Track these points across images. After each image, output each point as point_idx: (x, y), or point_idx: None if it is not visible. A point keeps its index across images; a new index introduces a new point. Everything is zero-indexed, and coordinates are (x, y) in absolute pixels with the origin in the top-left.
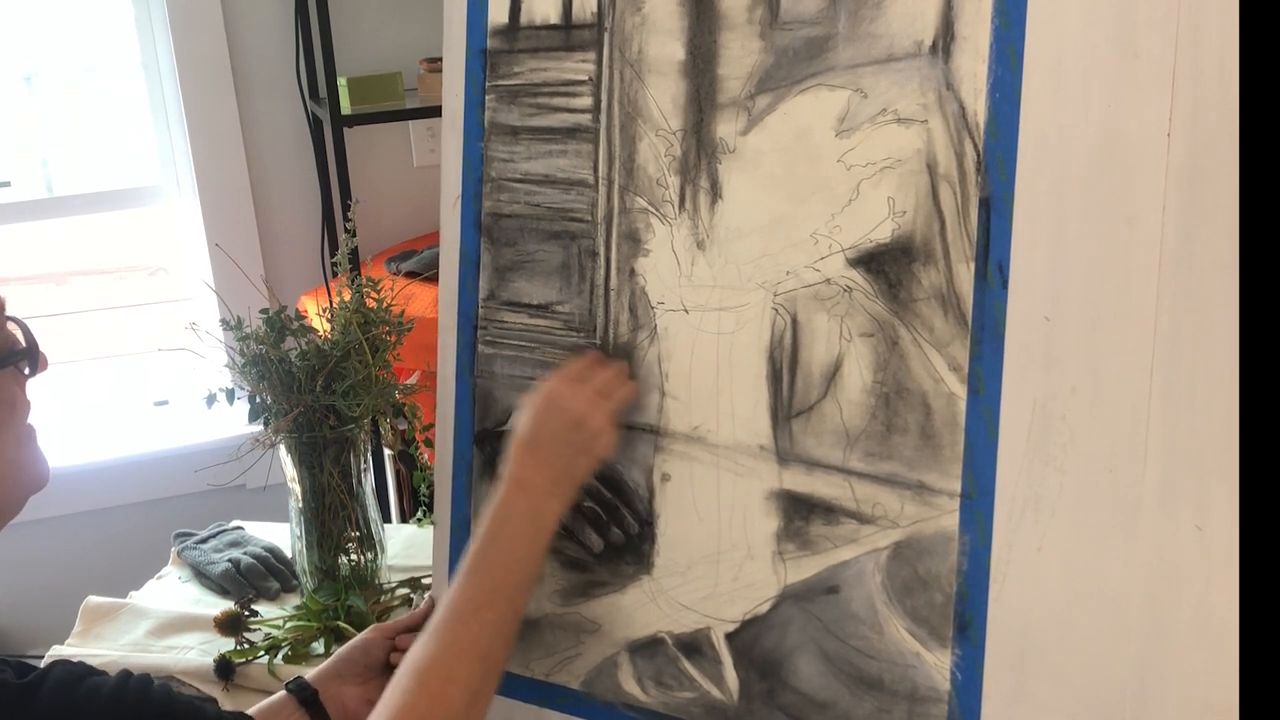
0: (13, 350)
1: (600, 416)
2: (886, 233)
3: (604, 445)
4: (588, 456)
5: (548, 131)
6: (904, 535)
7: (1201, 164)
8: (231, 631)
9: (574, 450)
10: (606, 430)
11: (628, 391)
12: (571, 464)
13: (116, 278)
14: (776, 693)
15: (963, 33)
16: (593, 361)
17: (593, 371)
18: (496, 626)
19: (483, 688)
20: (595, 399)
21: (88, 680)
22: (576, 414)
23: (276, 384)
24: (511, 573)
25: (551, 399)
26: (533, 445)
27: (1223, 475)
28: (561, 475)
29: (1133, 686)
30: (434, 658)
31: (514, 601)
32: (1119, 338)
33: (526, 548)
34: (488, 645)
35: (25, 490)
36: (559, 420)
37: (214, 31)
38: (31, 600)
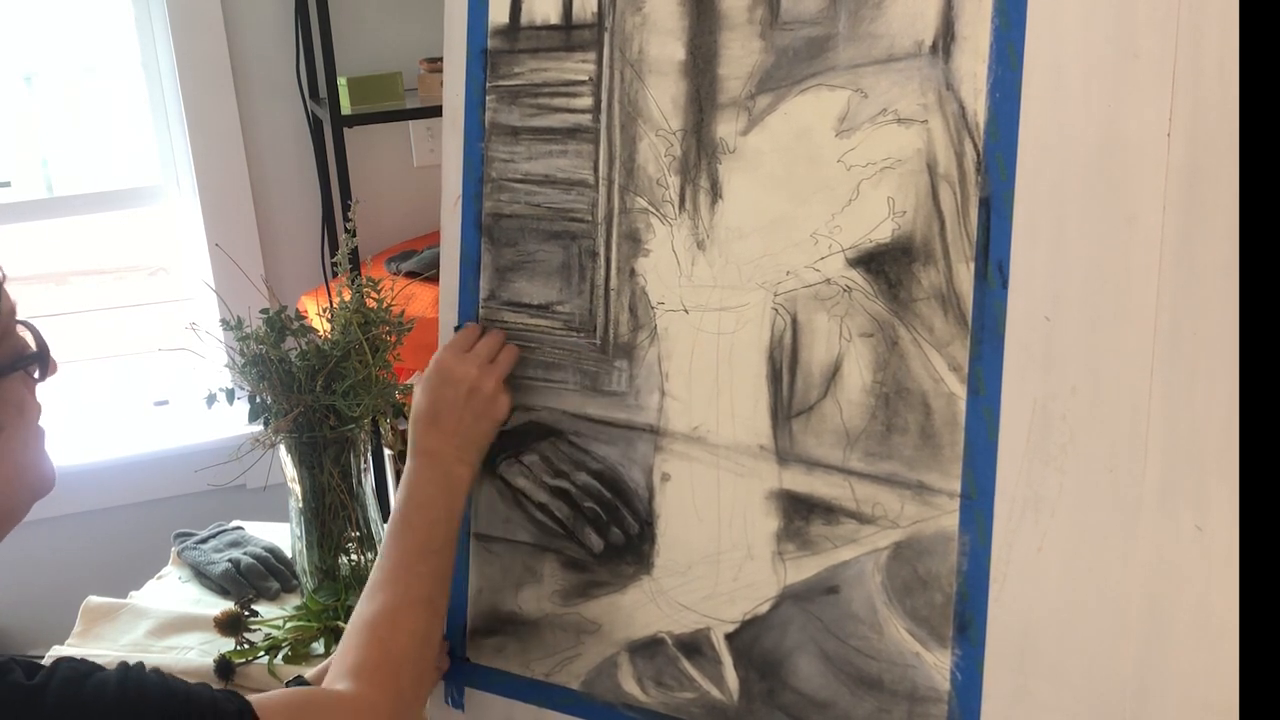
0: (22, 354)
1: (491, 381)
2: (886, 233)
3: (500, 407)
4: (487, 420)
5: (548, 131)
6: (904, 535)
7: (1201, 164)
8: (231, 631)
9: (472, 416)
10: (499, 393)
11: (509, 354)
12: (473, 429)
13: (116, 278)
14: (776, 693)
15: (963, 32)
16: (473, 332)
17: (475, 339)
18: (432, 576)
19: (429, 632)
20: (484, 366)
21: (93, 677)
22: (470, 382)
23: (276, 384)
24: (435, 531)
25: (443, 372)
26: (433, 417)
27: (1223, 475)
28: (465, 442)
29: (1133, 686)
30: (380, 610)
31: (441, 555)
32: (1119, 338)
33: (445, 509)
34: (428, 592)
35: (32, 494)
36: (453, 390)
37: (214, 31)
38: (31, 600)
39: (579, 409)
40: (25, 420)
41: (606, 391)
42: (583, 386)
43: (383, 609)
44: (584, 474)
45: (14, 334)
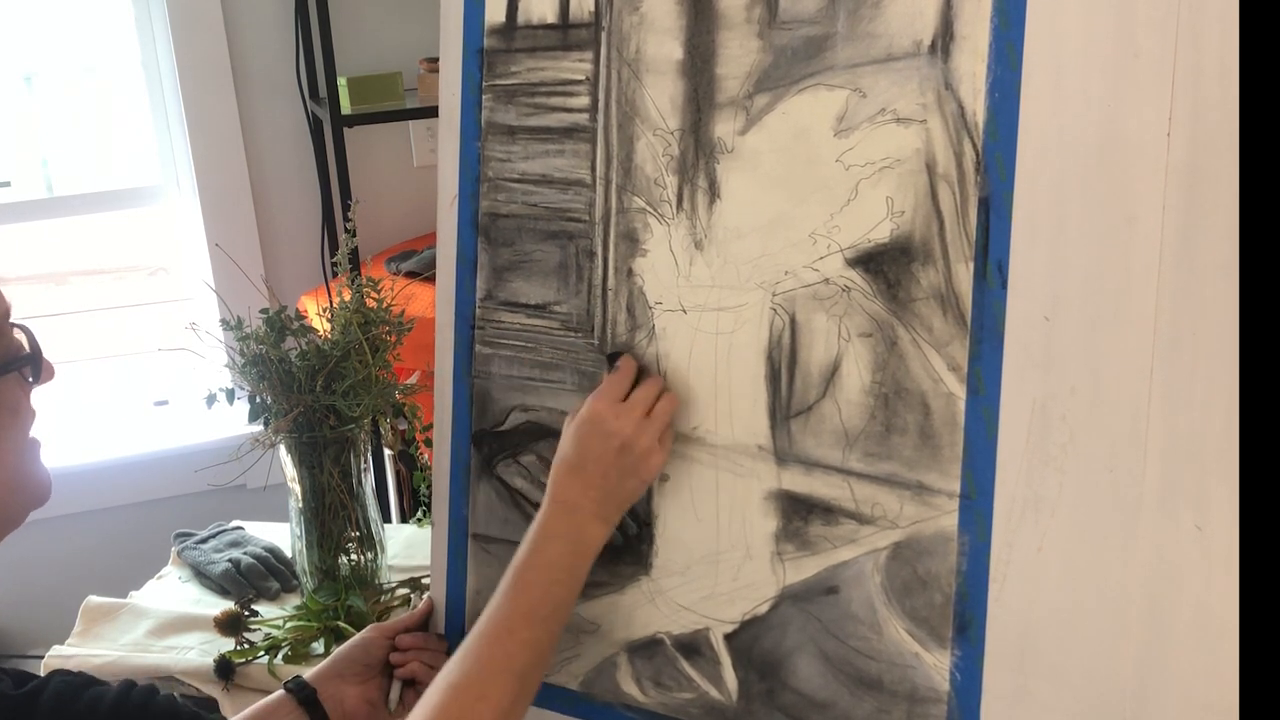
0: (16, 356)
1: (647, 438)
2: (885, 233)
3: (652, 466)
4: (635, 479)
5: (545, 131)
6: (903, 535)
7: (1201, 164)
8: (231, 631)
9: (620, 473)
10: (654, 451)
11: (668, 405)
12: (619, 487)
13: (116, 278)
14: (776, 693)
15: (962, 32)
16: (629, 377)
17: (633, 389)
18: (532, 647)
19: (514, 707)
20: (641, 421)
21: (89, 691)
22: (623, 437)
23: (276, 384)
24: (550, 594)
25: (596, 422)
26: (578, 468)
27: (1223, 475)
28: (607, 498)
29: (1133, 686)
30: (468, 674)
31: (550, 622)
32: (1119, 338)
33: (567, 571)
34: (522, 665)
35: (27, 502)
36: (605, 444)
37: (214, 31)
38: (31, 600)
39: None
40: (19, 424)
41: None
42: (580, 387)
43: (471, 674)
44: None
45: (9, 335)
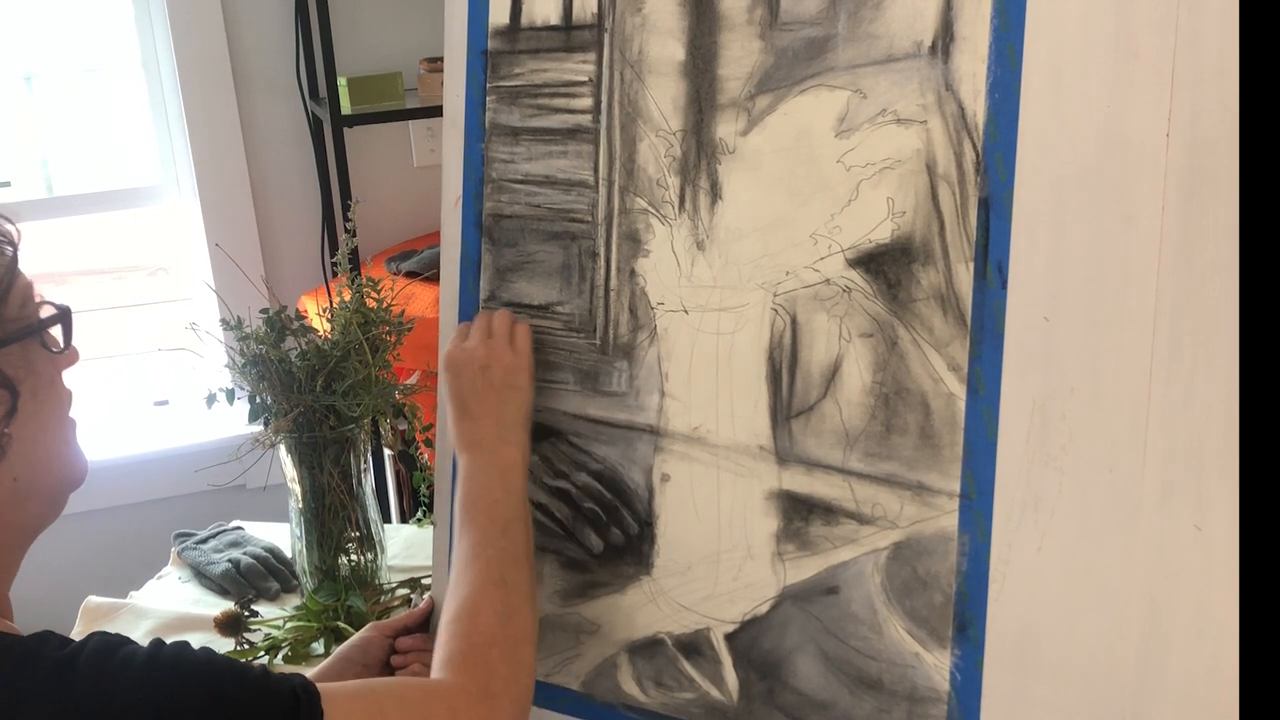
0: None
1: (501, 351)
2: (886, 233)
3: (519, 371)
4: (514, 390)
5: (548, 132)
6: (903, 535)
7: (1201, 164)
8: (231, 631)
9: (496, 392)
10: (515, 360)
11: (503, 318)
12: (502, 406)
13: (116, 278)
14: (776, 693)
15: (962, 33)
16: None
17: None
18: (500, 558)
19: (510, 609)
20: (486, 342)
21: (123, 649)
22: (477, 359)
23: (276, 384)
24: (495, 514)
25: (450, 363)
26: (461, 411)
27: (1223, 475)
28: (501, 421)
29: (1133, 686)
30: (456, 604)
31: (509, 534)
32: (1118, 338)
33: (500, 490)
34: (499, 573)
35: (67, 483)
36: (466, 374)
37: (214, 31)
38: (31, 600)
39: (579, 410)
40: (57, 400)
41: (606, 392)
42: (582, 387)
43: (458, 603)
44: (584, 474)
45: (33, 302)
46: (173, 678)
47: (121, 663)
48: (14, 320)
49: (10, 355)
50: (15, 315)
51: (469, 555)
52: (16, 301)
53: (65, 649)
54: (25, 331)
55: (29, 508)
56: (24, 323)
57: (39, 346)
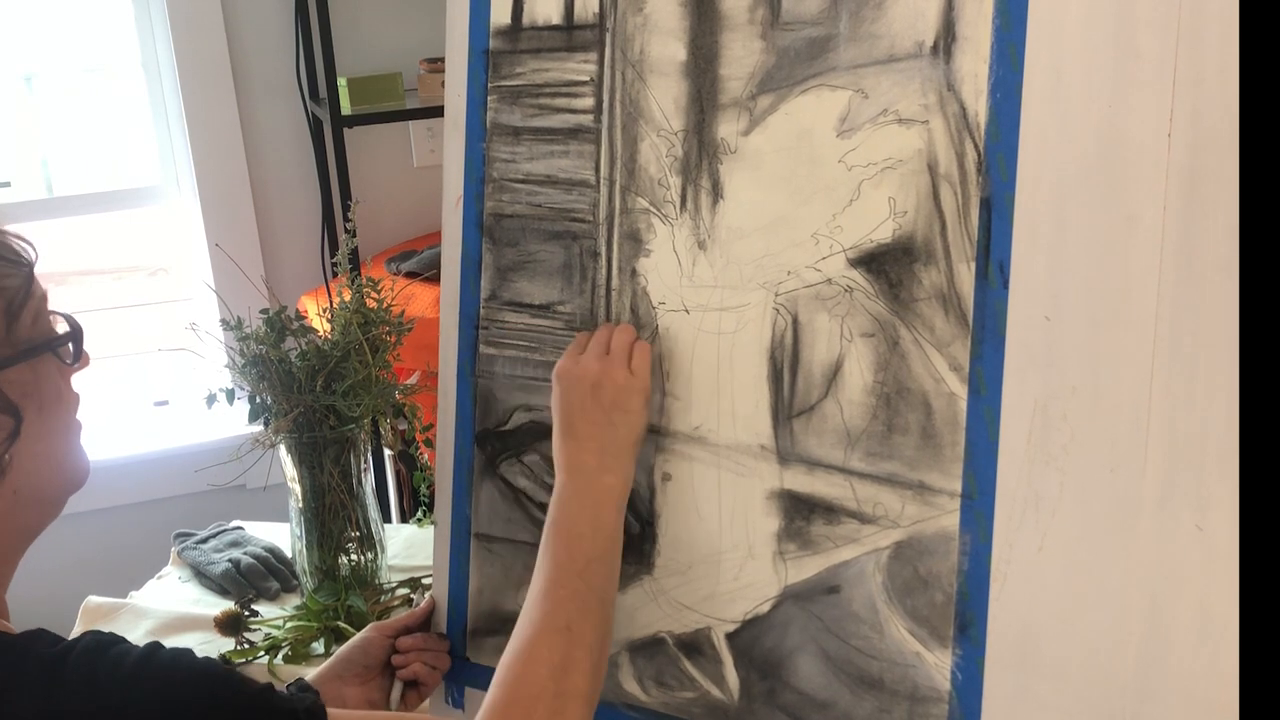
0: (56, 335)
1: (614, 371)
2: (887, 233)
3: (633, 396)
4: (623, 414)
5: (549, 132)
6: (905, 535)
7: (1201, 164)
8: (231, 631)
9: (605, 414)
10: (628, 380)
11: (624, 335)
12: (609, 430)
13: (116, 278)
14: (777, 692)
15: (964, 33)
16: (585, 335)
17: (587, 341)
18: (571, 601)
19: (569, 661)
20: (601, 358)
21: (115, 648)
22: (591, 378)
23: (276, 384)
24: (576, 551)
25: (562, 378)
26: (567, 429)
27: (1223, 475)
28: (605, 446)
29: (1133, 686)
30: (515, 647)
31: (586, 576)
32: (1119, 338)
33: (589, 525)
34: (565, 620)
35: (70, 485)
36: (578, 392)
37: (214, 31)
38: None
39: None
40: (64, 408)
41: None
42: None
43: (518, 644)
44: None
45: (46, 318)
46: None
47: (112, 662)
48: (25, 339)
49: (19, 372)
50: (26, 334)
51: (540, 592)
52: (28, 319)
53: (56, 646)
54: (34, 351)
55: (29, 514)
56: (35, 341)
57: (51, 359)
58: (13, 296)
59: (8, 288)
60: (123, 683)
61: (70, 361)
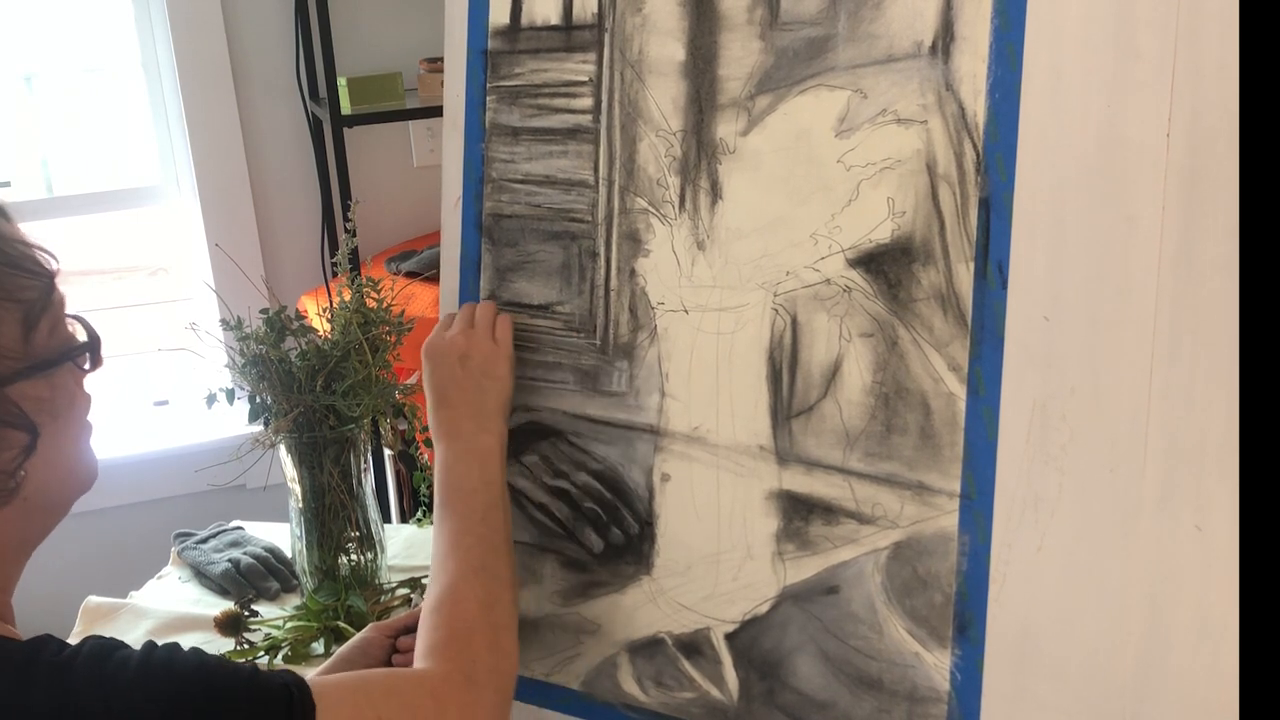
0: (73, 346)
1: (478, 341)
2: (886, 233)
3: (499, 362)
4: (491, 380)
5: (548, 132)
6: (904, 535)
7: (1201, 164)
8: (231, 631)
9: (474, 381)
10: (494, 350)
11: (486, 310)
12: (480, 396)
13: (116, 278)
14: (776, 693)
15: (962, 33)
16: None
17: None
18: (479, 546)
19: (491, 597)
20: (467, 332)
21: (118, 652)
22: (458, 351)
23: (276, 384)
24: (473, 503)
25: (430, 353)
26: (440, 401)
27: (1223, 475)
28: (479, 411)
29: (1133, 686)
30: (437, 593)
31: (488, 521)
32: (1119, 338)
33: (478, 480)
34: (480, 561)
35: (79, 488)
36: (446, 365)
37: (214, 31)
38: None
39: (579, 409)
40: (76, 412)
41: (606, 392)
42: (583, 387)
43: (439, 591)
44: (584, 474)
45: (64, 326)
46: (168, 679)
47: (117, 665)
48: (42, 351)
49: (35, 386)
50: (43, 346)
51: (449, 544)
52: (45, 330)
53: (63, 653)
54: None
55: (37, 520)
56: (52, 352)
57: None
58: (30, 308)
59: (25, 300)
60: (131, 685)
61: (87, 368)
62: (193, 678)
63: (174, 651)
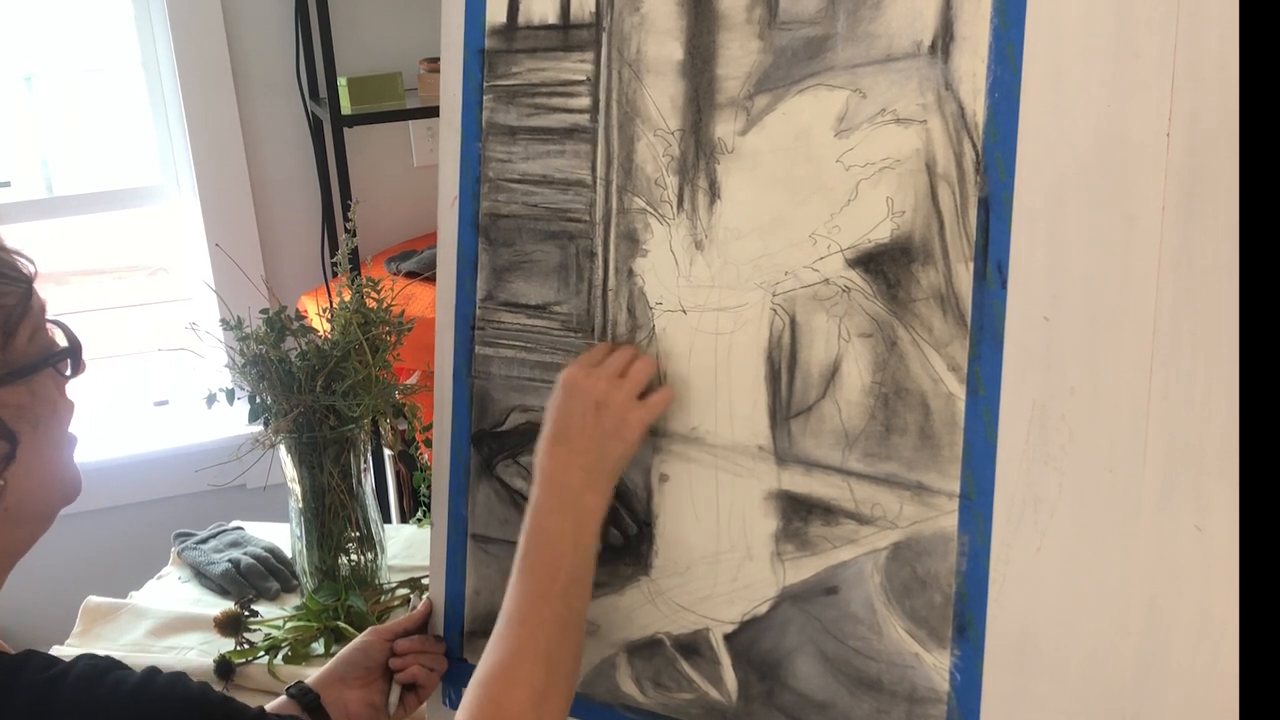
0: (52, 352)
1: (621, 396)
2: (885, 233)
3: (632, 426)
4: (617, 440)
5: (546, 132)
6: (903, 536)
7: (1201, 164)
8: (231, 632)
9: (603, 435)
10: (631, 409)
11: (645, 366)
12: (602, 450)
13: (116, 278)
14: (775, 693)
15: (962, 32)
16: (604, 349)
17: (606, 355)
18: (552, 625)
19: (549, 688)
20: (613, 379)
21: (112, 674)
22: (597, 395)
23: (276, 384)
24: (558, 570)
25: (568, 386)
26: (559, 437)
27: (1223, 475)
28: (595, 464)
29: (1133, 686)
30: (493, 665)
31: (567, 598)
32: (1118, 338)
33: (571, 544)
34: (545, 644)
35: (62, 498)
36: (582, 407)
37: (214, 31)
38: (31, 600)
39: None
40: (58, 420)
41: None
42: None
43: (497, 663)
44: None
45: (44, 331)
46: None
47: (109, 689)
48: (20, 358)
49: (14, 394)
50: (21, 352)
51: (520, 610)
52: (25, 336)
53: (49, 670)
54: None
55: (19, 531)
56: (31, 358)
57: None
58: (8, 315)
59: (4, 305)
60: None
61: (68, 374)
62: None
63: (175, 681)
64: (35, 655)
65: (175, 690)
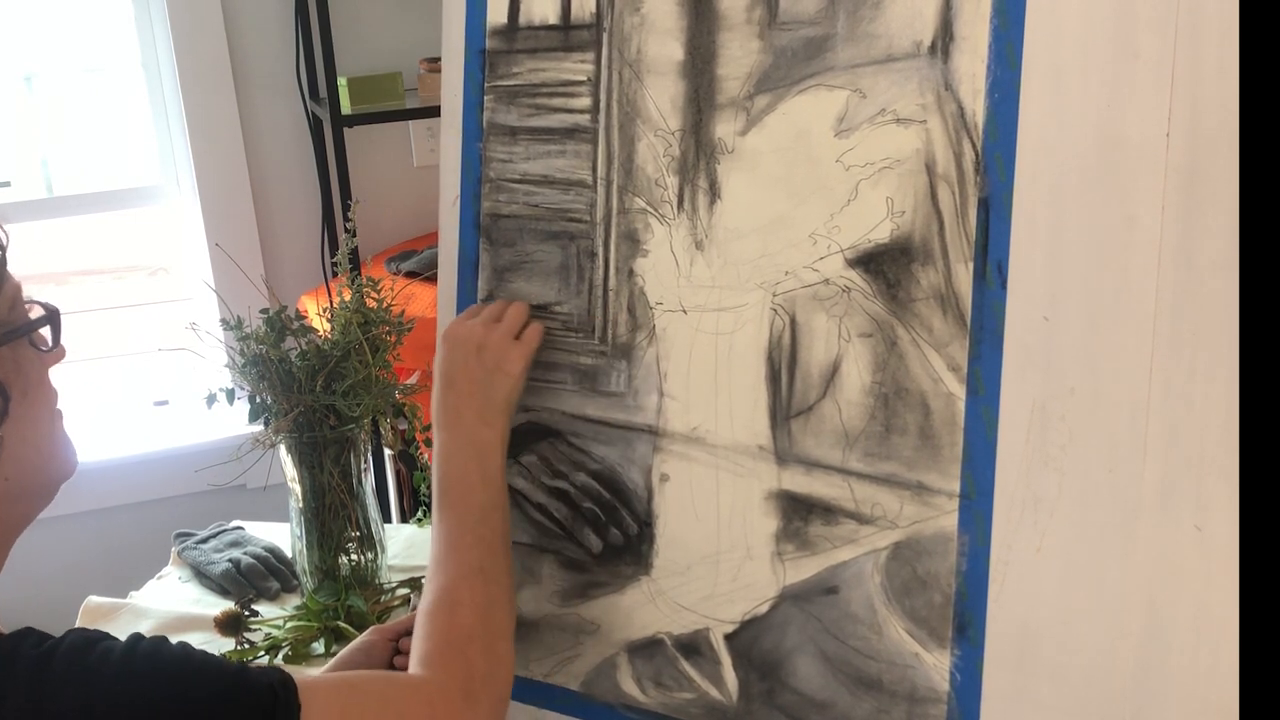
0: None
1: (497, 336)
2: (885, 233)
3: (513, 360)
4: (502, 375)
5: (546, 132)
6: (903, 536)
7: (1201, 164)
8: (231, 631)
9: (486, 374)
10: (509, 347)
11: (517, 309)
12: (489, 388)
13: (116, 278)
14: (776, 693)
15: (962, 33)
16: (478, 306)
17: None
18: (479, 547)
19: (490, 603)
20: (489, 324)
21: (100, 645)
22: (476, 340)
23: (276, 384)
24: (471, 501)
25: (449, 338)
26: (448, 384)
27: (1223, 475)
28: (486, 403)
29: (1133, 686)
30: (434, 594)
31: (489, 523)
32: (1118, 338)
33: (478, 477)
34: (479, 563)
35: (56, 475)
36: (463, 351)
37: (214, 31)
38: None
39: (577, 409)
40: (45, 395)
41: (605, 392)
42: (581, 387)
43: (436, 593)
44: (583, 475)
45: (21, 306)
46: (149, 671)
47: (99, 658)
48: (3, 323)
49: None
50: (4, 318)
51: (447, 544)
52: (5, 304)
53: (43, 645)
54: (14, 334)
55: (19, 505)
56: (13, 325)
57: (28, 346)
58: None
59: None
60: (112, 677)
61: (47, 349)
62: (176, 671)
63: (159, 646)
64: (31, 633)
65: (160, 653)
